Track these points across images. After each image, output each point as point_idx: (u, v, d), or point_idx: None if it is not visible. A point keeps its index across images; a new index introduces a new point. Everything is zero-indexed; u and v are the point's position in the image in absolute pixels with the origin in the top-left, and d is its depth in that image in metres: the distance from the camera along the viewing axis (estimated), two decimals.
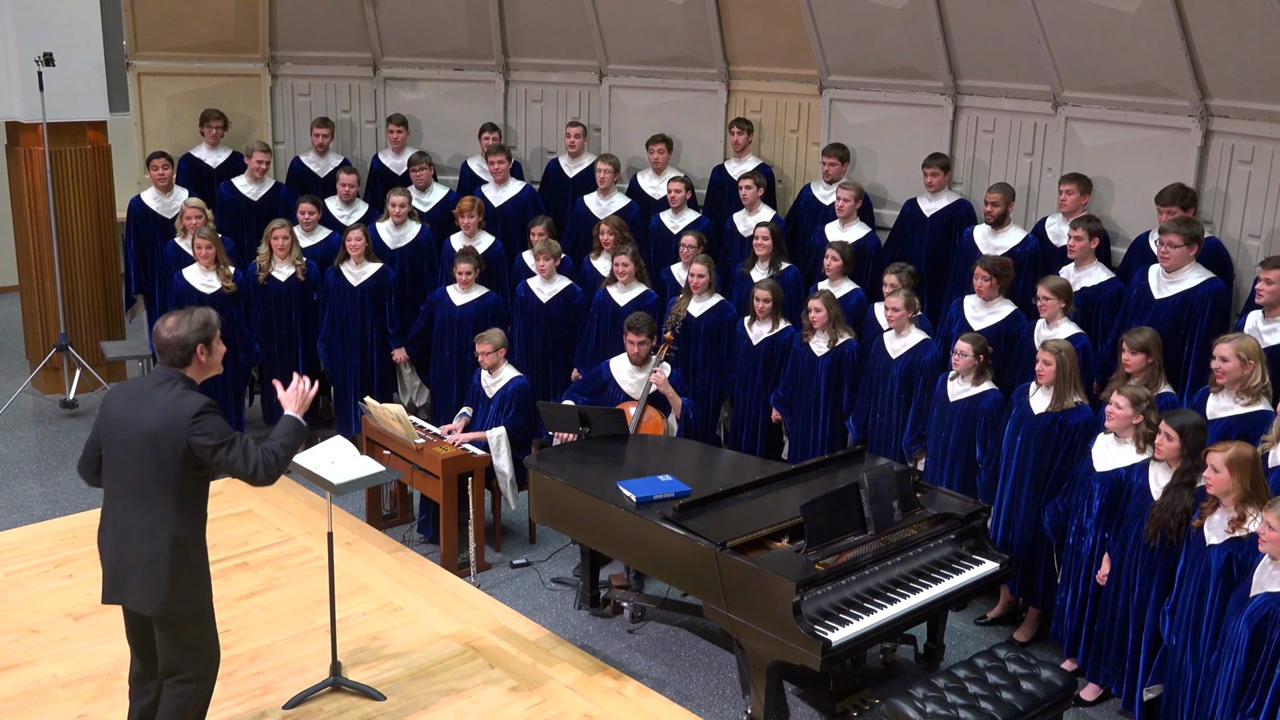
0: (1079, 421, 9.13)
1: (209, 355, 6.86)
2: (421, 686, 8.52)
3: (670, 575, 8.75)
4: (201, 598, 6.89)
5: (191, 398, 6.64)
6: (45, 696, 8.25)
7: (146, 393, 6.71)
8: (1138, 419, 8.48)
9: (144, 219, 13.60)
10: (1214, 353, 8.58)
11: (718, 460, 10.07)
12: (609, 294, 12.05)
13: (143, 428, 6.61)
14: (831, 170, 12.93)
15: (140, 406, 6.67)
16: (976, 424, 9.72)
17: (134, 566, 6.69)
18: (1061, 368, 9.10)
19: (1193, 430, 7.92)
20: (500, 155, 13.90)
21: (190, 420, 6.55)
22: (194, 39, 14.83)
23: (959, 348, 9.69)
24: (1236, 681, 7.12)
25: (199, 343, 6.77)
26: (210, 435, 6.58)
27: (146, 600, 6.70)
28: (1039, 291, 9.91)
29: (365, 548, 10.55)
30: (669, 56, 14.36)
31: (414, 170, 14.03)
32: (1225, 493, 7.45)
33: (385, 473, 8.35)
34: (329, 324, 12.68)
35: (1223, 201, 10.80)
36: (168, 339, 6.73)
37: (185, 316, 6.81)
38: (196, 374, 6.83)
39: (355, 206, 13.83)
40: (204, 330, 6.81)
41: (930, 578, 8.47)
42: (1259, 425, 8.43)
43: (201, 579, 6.88)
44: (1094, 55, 11.24)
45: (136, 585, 6.70)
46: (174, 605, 6.72)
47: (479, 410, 11.05)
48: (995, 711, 7.37)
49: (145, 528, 6.67)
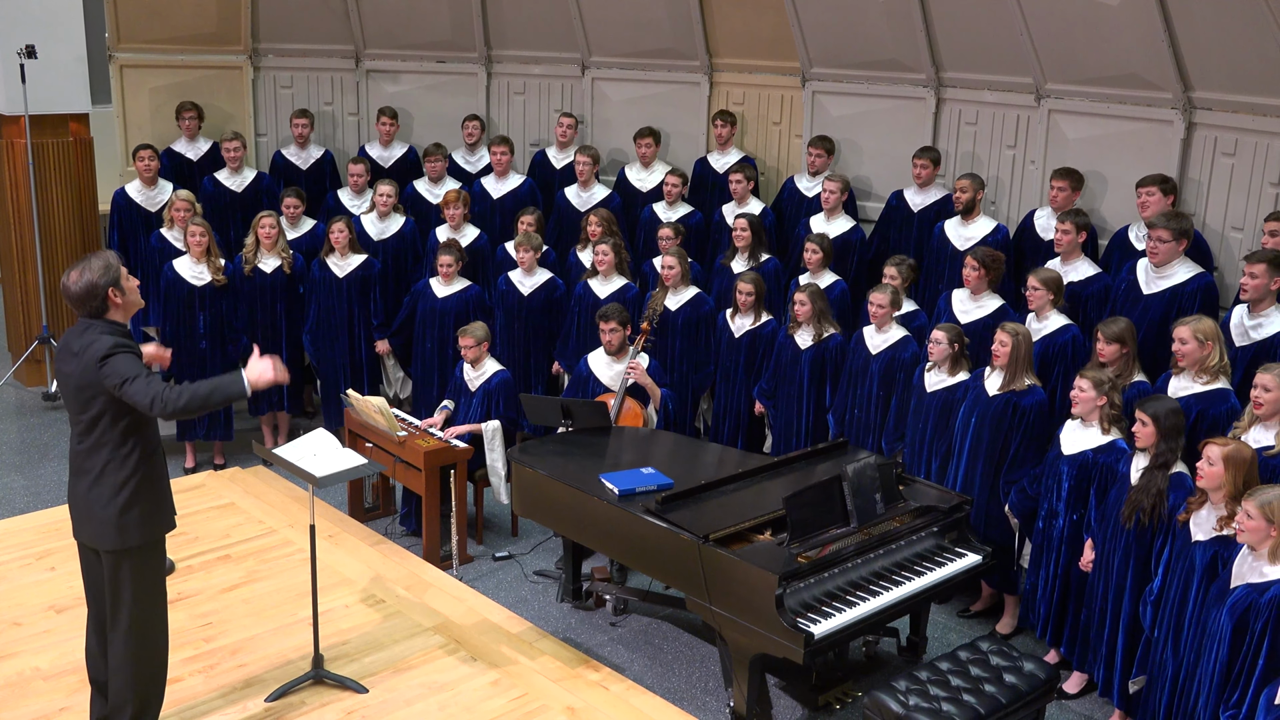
0: (1032, 403, 9.21)
1: (123, 295, 6.87)
2: (404, 679, 8.51)
3: (653, 568, 8.75)
4: (150, 532, 7.07)
5: (101, 341, 6.69)
6: (28, 689, 8.23)
7: (72, 346, 6.82)
8: (1101, 400, 8.58)
9: (128, 211, 13.56)
10: (1174, 335, 8.72)
11: (700, 453, 10.07)
12: (589, 286, 12.03)
13: (74, 381, 6.80)
14: (817, 162, 12.92)
15: (69, 360, 6.83)
16: (954, 414, 9.72)
17: (85, 506, 6.97)
18: (1016, 350, 9.19)
19: (1166, 415, 7.97)
20: (503, 147, 13.89)
21: (99, 364, 6.63)
22: (176, 31, 14.79)
23: (934, 336, 9.70)
24: (1219, 673, 7.14)
25: (108, 285, 6.78)
26: (116, 375, 6.62)
27: (94, 536, 7.00)
28: (1030, 282, 9.90)
29: (347, 540, 10.54)
30: (651, 49, 14.35)
31: (429, 161, 14.00)
32: (1216, 488, 7.44)
33: (367, 465, 8.33)
34: (314, 316, 12.65)
35: (1205, 194, 10.81)
36: (77, 291, 6.76)
37: (84, 265, 6.81)
38: (120, 315, 6.89)
39: (365, 197, 13.77)
40: (107, 272, 6.79)
41: (913, 570, 8.48)
42: (1217, 402, 8.56)
43: (151, 514, 7.05)
44: (1077, 47, 11.25)
45: (86, 522, 7.01)
46: (124, 539, 6.95)
47: (460, 403, 11.05)
48: (978, 704, 7.38)
49: (89, 469, 6.93)
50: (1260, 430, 8.03)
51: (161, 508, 7.13)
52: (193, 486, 11.40)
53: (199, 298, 12.03)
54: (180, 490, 10.61)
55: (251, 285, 12.43)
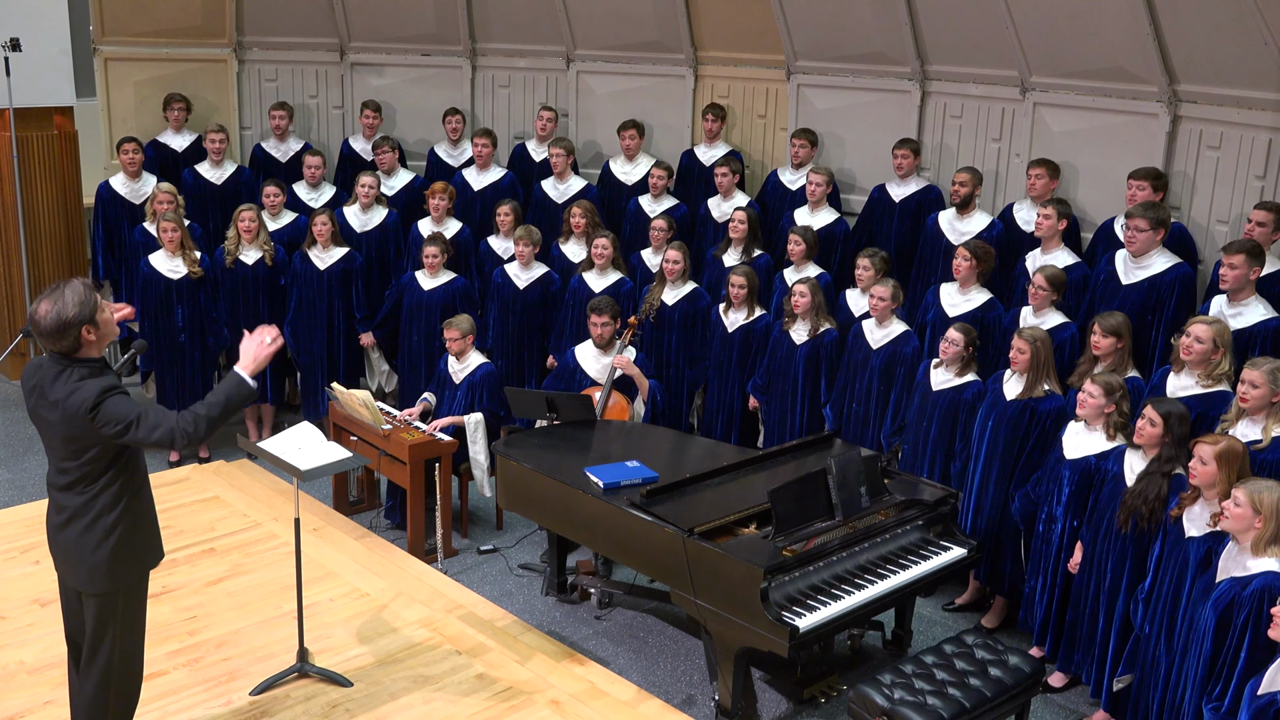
0: (1050, 409, 9.15)
1: (97, 330, 6.31)
2: (388, 672, 8.51)
3: (638, 561, 8.75)
4: (131, 574, 6.71)
5: (86, 387, 6.23)
6: (12, 683, 8.20)
7: (47, 392, 6.35)
8: (1110, 408, 8.49)
9: (112, 204, 13.54)
10: (1188, 330, 8.56)
11: (686, 446, 10.08)
12: (584, 280, 12.02)
13: (59, 431, 6.36)
14: (800, 153, 12.92)
15: (44, 403, 6.38)
16: (959, 414, 9.71)
17: (67, 545, 6.57)
18: (1036, 356, 9.11)
19: (1178, 419, 7.92)
20: (485, 139, 13.89)
21: (88, 415, 6.19)
22: (161, 24, 14.75)
23: (950, 336, 9.63)
24: (1203, 668, 7.14)
25: (82, 324, 6.23)
26: (113, 422, 6.20)
27: (75, 579, 6.64)
28: (1035, 279, 9.86)
29: (332, 534, 10.53)
30: (636, 42, 14.34)
31: (378, 154, 14.01)
32: (1210, 485, 7.43)
33: (352, 458, 8.32)
34: (295, 308, 12.64)
35: (1190, 187, 10.83)
36: (47, 326, 6.22)
37: (55, 296, 6.25)
38: (95, 351, 6.36)
39: (322, 190, 13.80)
40: (81, 308, 6.23)
41: (898, 564, 8.49)
42: (1218, 405, 8.47)
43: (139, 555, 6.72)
44: (1062, 40, 11.26)
45: (70, 562, 6.61)
46: (108, 584, 6.60)
47: (444, 396, 11.04)
48: (963, 698, 7.39)
49: (69, 507, 6.51)
50: (1247, 425, 8.00)
51: (151, 544, 6.81)
52: (177, 480, 11.38)
53: (176, 291, 12.06)
54: (164, 484, 10.71)
55: (233, 278, 12.43)
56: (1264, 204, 9.78)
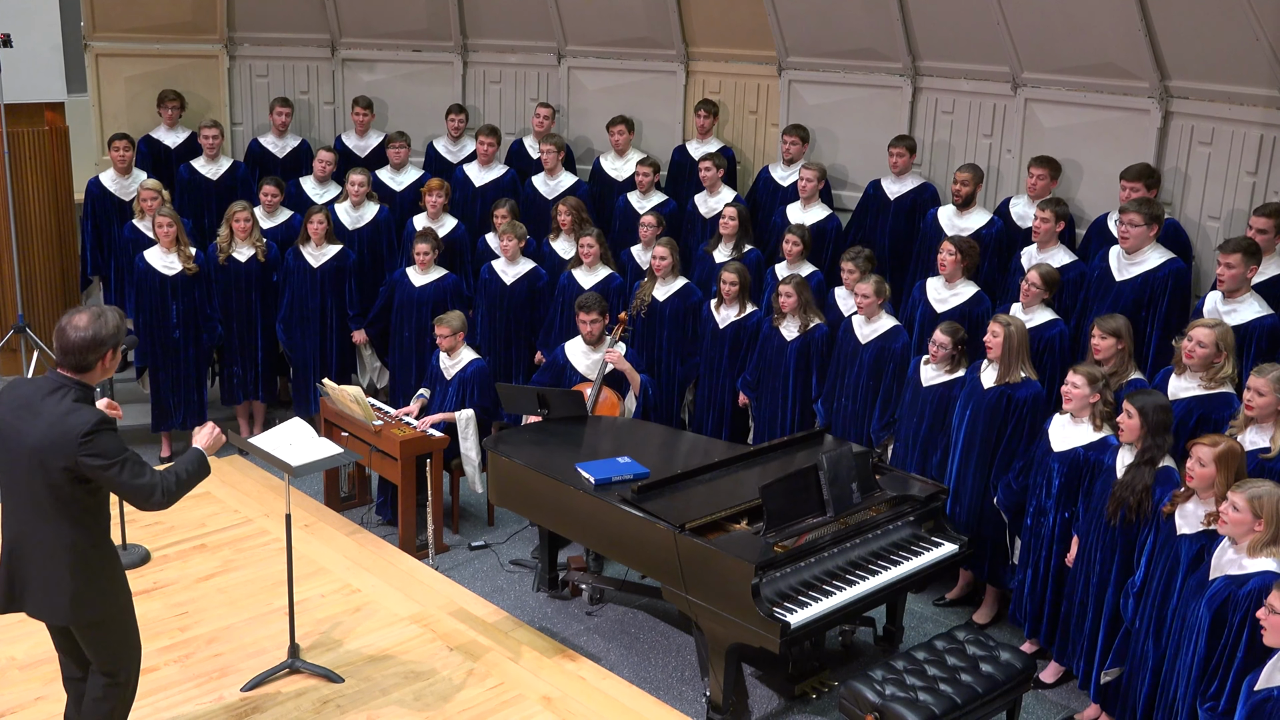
0: (1027, 395, 9.16)
1: (114, 359, 6.37)
2: (380, 668, 8.52)
3: (629, 557, 8.76)
4: (108, 605, 6.58)
5: (83, 413, 6.17)
6: (3, 679, 8.24)
7: (34, 404, 6.24)
8: (1094, 398, 8.49)
9: (102, 200, 13.51)
10: (1189, 334, 8.51)
11: (677, 442, 10.07)
12: (573, 277, 12.01)
13: (29, 442, 6.19)
14: (792, 150, 12.91)
15: (26, 419, 6.24)
16: (950, 410, 9.70)
17: (31, 580, 6.41)
18: (1009, 340, 9.11)
19: (1154, 409, 7.90)
20: (490, 137, 13.88)
21: (80, 439, 6.09)
22: (152, 20, 14.72)
23: (937, 339, 9.62)
24: (1197, 665, 7.14)
25: (112, 346, 6.29)
26: (101, 456, 6.13)
27: (49, 612, 6.50)
28: (1030, 276, 9.84)
29: (323, 530, 10.53)
30: (628, 38, 14.32)
31: (392, 148, 13.99)
32: (1207, 487, 7.41)
33: (343, 455, 8.33)
34: (288, 305, 12.63)
35: (1182, 183, 10.82)
36: (78, 340, 6.20)
37: (98, 313, 6.27)
38: (98, 379, 6.34)
39: (329, 186, 13.77)
40: (117, 334, 6.29)
41: (889, 560, 8.50)
42: (1220, 407, 8.43)
43: (105, 588, 6.53)
44: (1053, 36, 11.25)
45: (37, 596, 6.44)
46: (80, 615, 6.49)
47: (436, 392, 11.04)
48: (954, 693, 7.39)
49: (39, 541, 6.34)
50: (1255, 432, 7.95)
51: (118, 572, 6.67)
52: None
53: (171, 287, 12.01)
54: None
55: (226, 274, 12.42)
56: (1263, 209, 9.70)
